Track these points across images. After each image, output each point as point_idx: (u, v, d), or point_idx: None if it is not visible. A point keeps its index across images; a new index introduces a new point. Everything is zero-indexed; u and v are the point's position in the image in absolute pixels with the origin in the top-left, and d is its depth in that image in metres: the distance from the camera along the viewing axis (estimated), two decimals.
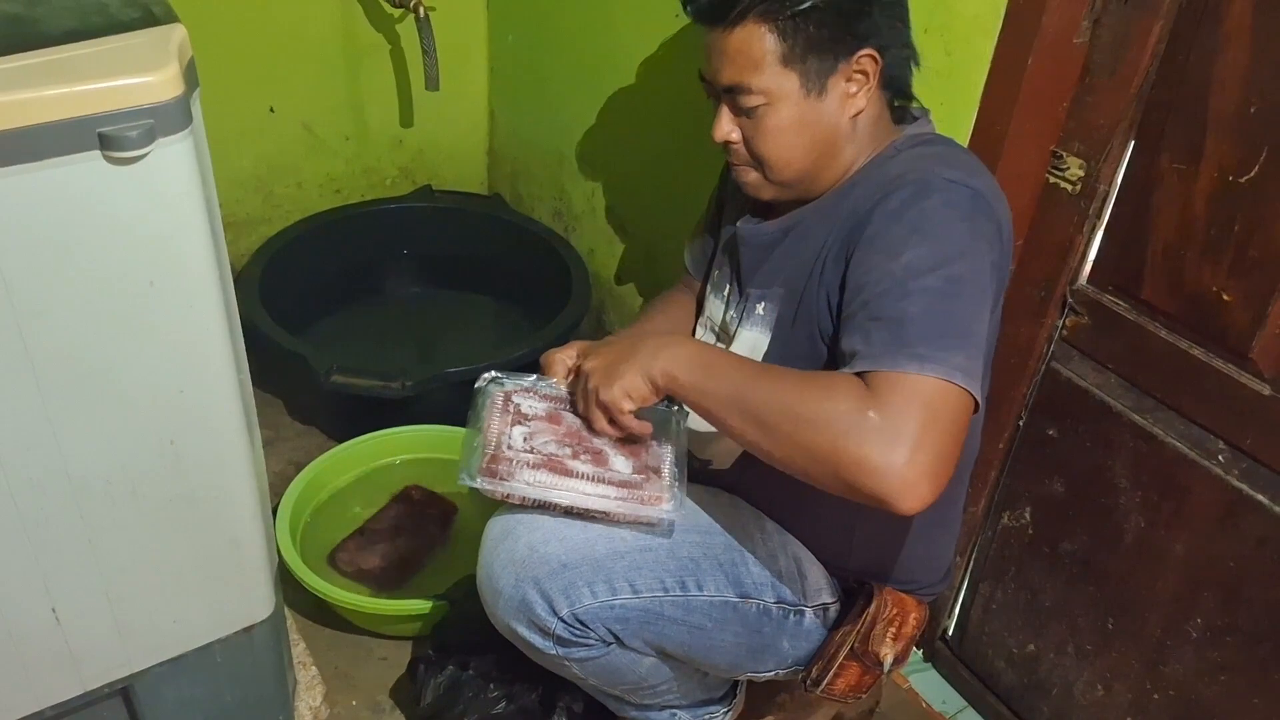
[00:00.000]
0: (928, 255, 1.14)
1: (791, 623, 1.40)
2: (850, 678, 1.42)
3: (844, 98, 1.26)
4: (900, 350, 1.10)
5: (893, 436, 1.06)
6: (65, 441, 1.14)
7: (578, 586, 1.28)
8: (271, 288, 2.30)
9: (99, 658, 1.33)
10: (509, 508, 1.34)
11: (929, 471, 1.06)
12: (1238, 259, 1.29)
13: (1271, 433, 1.31)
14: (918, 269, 1.13)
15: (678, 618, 1.32)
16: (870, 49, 1.23)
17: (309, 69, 2.51)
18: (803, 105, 1.25)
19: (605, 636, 1.31)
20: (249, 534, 1.37)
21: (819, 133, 1.27)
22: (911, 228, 1.16)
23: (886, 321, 1.12)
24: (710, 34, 1.26)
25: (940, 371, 1.08)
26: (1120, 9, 1.35)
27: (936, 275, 1.13)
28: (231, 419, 1.26)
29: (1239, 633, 1.40)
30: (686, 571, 1.33)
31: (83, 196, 1.01)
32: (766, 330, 1.36)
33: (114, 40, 1.04)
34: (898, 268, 1.14)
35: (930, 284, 1.13)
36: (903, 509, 1.06)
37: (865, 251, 1.19)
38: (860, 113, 1.27)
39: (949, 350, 1.10)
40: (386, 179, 2.79)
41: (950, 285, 1.13)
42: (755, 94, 1.25)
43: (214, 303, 1.16)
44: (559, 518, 1.31)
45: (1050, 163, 1.47)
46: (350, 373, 2.04)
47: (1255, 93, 1.24)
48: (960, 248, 1.15)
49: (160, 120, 1.01)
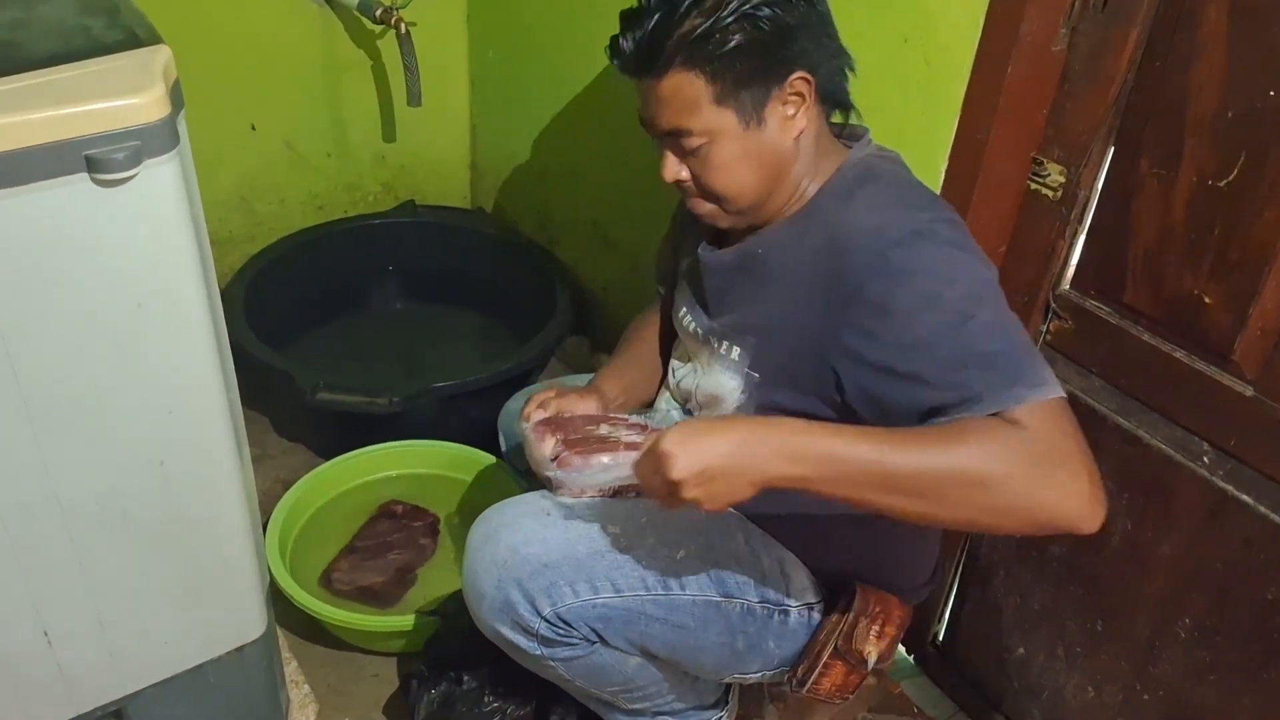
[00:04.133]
0: (966, 293, 1.14)
1: (776, 622, 1.41)
2: (835, 677, 1.43)
3: (783, 122, 1.26)
4: (1015, 384, 1.09)
5: (1068, 471, 1.06)
6: (55, 464, 1.14)
7: (559, 586, 1.29)
8: (256, 306, 2.29)
9: (91, 680, 1.33)
10: (491, 512, 1.36)
11: (1101, 488, 1.07)
12: (1218, 262, 1.31)
13: (1255, 433, 1.32)
14: (966, 311, 1.13)
15: (660, 616, 1.33)
16: (801, 71, 1.24)
17: (290, 86, 2.51)
18: (744, 138, 1.26)
19: (589, 635, 1.32)
20: (240, 554, 1.37)
21: (766, 160, 1.28)
22: (936, 276, 1.16)
23: (976, 364, 1.11)
24: (641, 83, 1.27)
25: (1054, 390, 1.10)
26: (1097, 17, 1.36)
27: (984, 307, 1.14)
28: (221, 439, 1.26)
29: (1227, 633, 1.41)
30: (669, 571, 1.34)
31: (70, 219, 1.01)
32: (738, 379, 1.36)
33: (99, 62, 1.04)
34: (947, 315, 1.14)
35: (986, 318, 1.14)
36: (1091, 530, 1.07)
37: (896, 322, 1.16)
38: (800, 134, 1.28)
39: (1039, 367, 1.12)
40: (369, 195, 2.78)
41: (998, 313, 1.15)
42: (696, 135, 1.25)
43: (203, 323, 1.16)
44: (540, 519, 1.33)
45: (1031, 169, 1.48)
46: (336, 389, 2.04)
47: (1232, 98, 1.25)
48: (982, 275, 1.17)
49: (147, 142, 1.01)
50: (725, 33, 1.19)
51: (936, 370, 1.13)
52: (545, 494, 1.38)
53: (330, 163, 2.67)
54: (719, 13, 1.19)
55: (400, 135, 2.72)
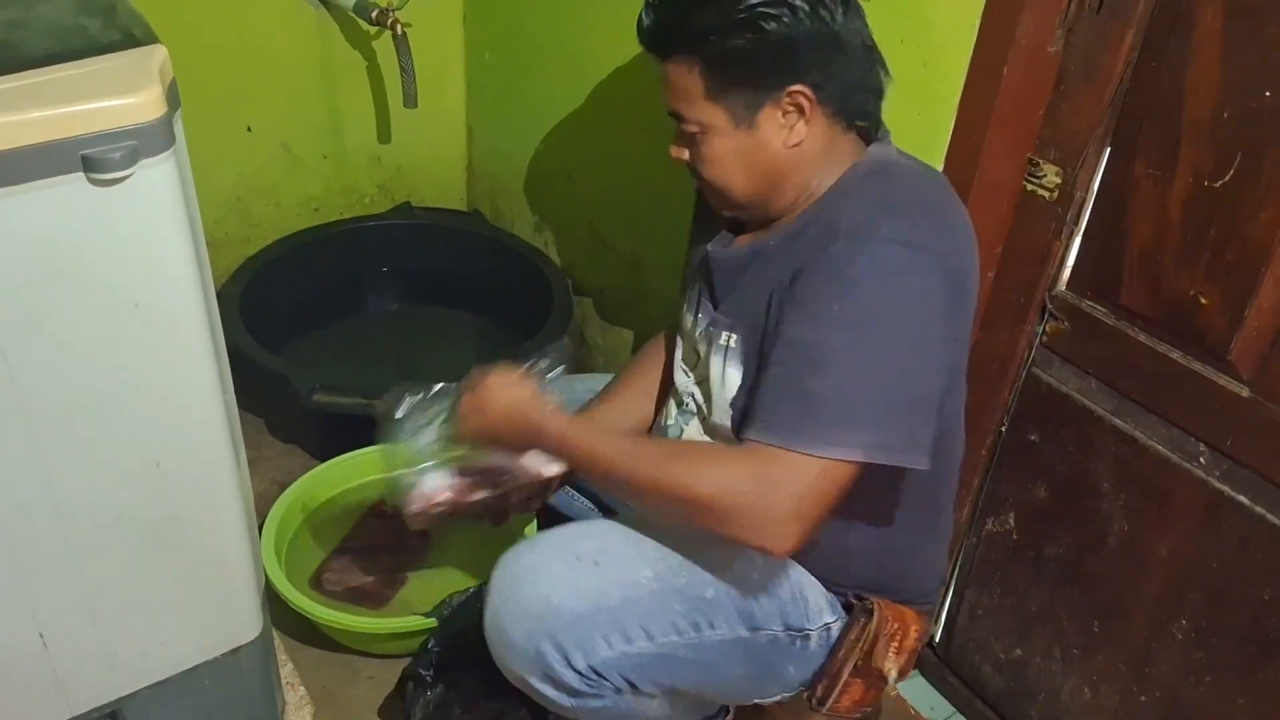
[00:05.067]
0: (849, 323, 1.15)
1: (798, 648, 1.40)
2: (855, 694, 1.42)
3: (778, 130, 1.26)
4: (811, 436, 1.13)
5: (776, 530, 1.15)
6: (51, 466, 1.14)
7: (593, 638, 1.27)
8: (252, 307, 2.29)
9: (87, 682, 1.33)
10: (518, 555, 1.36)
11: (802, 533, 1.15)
12: (1214, 263, 1.31)
13: (1251, 434, 1.32)
14: (834, 342, 1.15)
15: (691, 659, 1.32)
16: (801, 85, 1.23)
17: (286, 88, 2.51)
18: (734, 137, 1.26)
19: (620, 685, 1.29)
20: (236, 555, 1.36)
21: (756, 163, 1.28)
22: (838, 292, 1.16)
23: (796, 393, 1.14)
24: (658, 62, 1.29)
25: (849, 452, 1.13)
26: (1093, 18, 1.36)
27: (857, 345, 1.14)
28: (217, 440, 1.26)
29: (1224, 633, 1.41)
30: (699, 611, 1.31)
31: (66, 219, 1.01)
32: (737, 366, 1.36)
33: (95, 62, 1.04)
34: (817, 333, 1.16)
35: (847, 356, 1.14)
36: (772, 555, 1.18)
37: (794, 306, 1.20)
38: (800, 143, 1.26)
39: (854, 429, 1.13)
40: (365, 197, 2.78)
41: (870, 355, 1.15)
42: (690, 123, 1.27)
43: (199, 324, 1.16)
44: (571, 565, 1.31)
45: (1027, 170, 1.48)
46: (333, 391, 2.04)
47: (1228, 98, 1.25)
48: (886, 312, 1.16)
49: (143, 141, 1.01)
50: (727, 33, 1.20)
51: (775, 373, 1.18)
52: (570, 535, 1.37)
53: (326, 164, 2.67)
54: (728, 12, 1.20)
55: (396, 137, 2.72)
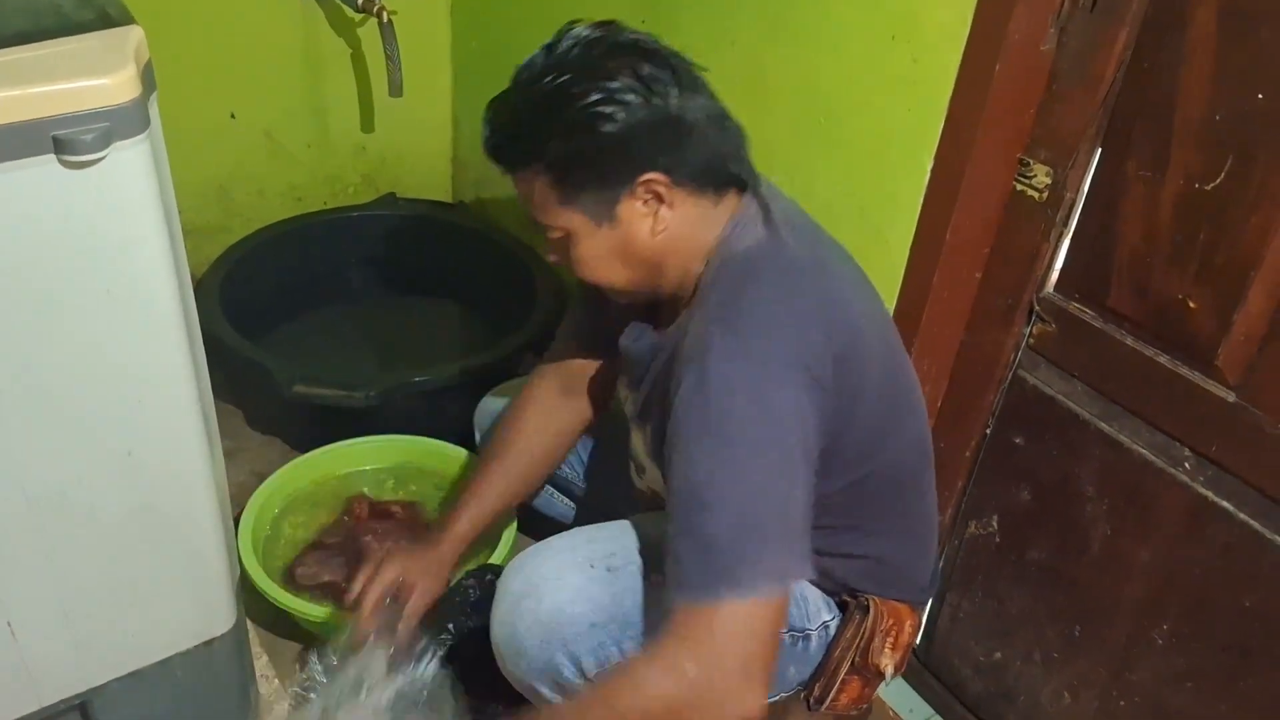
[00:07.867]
0: (719, 461, 1.12)
1: (799, 649, 1.40)
2: (852, 691, 1.43)
3: (642, 219, 1.23)
4: (719, 582, 1.09)
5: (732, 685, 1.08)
6: (19, 454, 1.12)
7: (606, 646, 1.28)
8: (232, 297, 2.27)
9: (56, 673, 1.31)
10: (530, 560, 1.34)
11: (762, 687, 1.10)
12: (1204, 267, 1.30)
13: (1236, 440, 1.32)
14: (710, 480, 1.11)
15: None
16: (651, 173, 1.19)
17: (270, 75, 2.49)
18: (599, 236, 1.24)
19: None
20: (209, 546, 1.35)
21: (629, 255, 1.25)
22: (698, 431, 1.13)
23: (694, 541, 1.11)
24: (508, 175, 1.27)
25: (762, 590, 1.09)
26: (1086, 17, 1.35)
27: (734, 480, 1.11)
28: (191, 430, 1.24)
29: (1205, 640, 1.41)
30: None
31: (36, 201, 0.99)
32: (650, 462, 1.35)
33: (68, 42, 1.02)
34: (695, 476, 1.12)
35: (727, 492, 1.11)
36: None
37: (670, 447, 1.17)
38: (667, 228, 1.23)
39: (757, 560, 1.10)
40: (349, 187, 2.76)
41: (749, 486, 1.11)
42: (552, 229, 1.25)
43: (173, 311, 1.14)
44: (585, 573, 1.30)
45: (1017, 170, 1.47)
46: (313, 383, 2.02)
47: (1220, 100, 1.24)
48: (751, 440, 1.12)
49: (116, 123, 0.99)
50: (565, 139, 1.18)
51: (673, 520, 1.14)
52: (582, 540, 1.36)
53: (310, 153, 2.65)
54: (560, 118, 1.18)
55: (381, 126, 2.70)
